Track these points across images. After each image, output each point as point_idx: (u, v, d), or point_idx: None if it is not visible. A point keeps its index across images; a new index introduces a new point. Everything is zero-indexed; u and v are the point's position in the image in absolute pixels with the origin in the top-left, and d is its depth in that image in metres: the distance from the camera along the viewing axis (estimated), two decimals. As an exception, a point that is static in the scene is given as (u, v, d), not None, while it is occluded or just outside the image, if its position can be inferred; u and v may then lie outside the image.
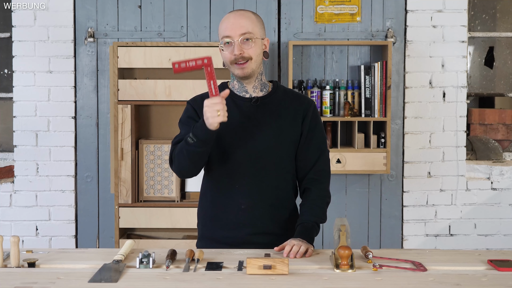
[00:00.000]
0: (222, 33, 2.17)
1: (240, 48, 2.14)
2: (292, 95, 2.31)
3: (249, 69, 2.18)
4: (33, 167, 4.03)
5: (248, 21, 2.16)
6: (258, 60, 2.20)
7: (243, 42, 2.15)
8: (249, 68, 2.18)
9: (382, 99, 3.83)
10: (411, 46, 4.00)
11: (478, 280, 1.82)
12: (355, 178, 4.05)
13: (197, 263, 1.95)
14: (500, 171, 4.12)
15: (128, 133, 3.71)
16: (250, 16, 2.19)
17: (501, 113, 4.31)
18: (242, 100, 2.25)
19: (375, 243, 4.06)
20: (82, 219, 4.06)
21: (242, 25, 2.15)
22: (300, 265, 1.96)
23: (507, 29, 4.34)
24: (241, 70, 2.17)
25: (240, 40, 2.14)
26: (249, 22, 2.16)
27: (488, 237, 4.11)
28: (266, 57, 2.24)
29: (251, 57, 2.16)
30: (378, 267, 1.92)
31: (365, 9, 4.00)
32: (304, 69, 4.01)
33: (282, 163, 2.25)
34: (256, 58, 2.18)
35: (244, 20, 2.16)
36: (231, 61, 2.17)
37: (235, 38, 2.14)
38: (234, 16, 2.18)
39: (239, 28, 2.14)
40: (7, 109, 4.25)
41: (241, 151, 2.21)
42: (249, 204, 2.22)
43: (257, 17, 2.22)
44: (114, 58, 3.70)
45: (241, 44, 2.15)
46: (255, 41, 2.16)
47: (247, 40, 2.15)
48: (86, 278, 1.83)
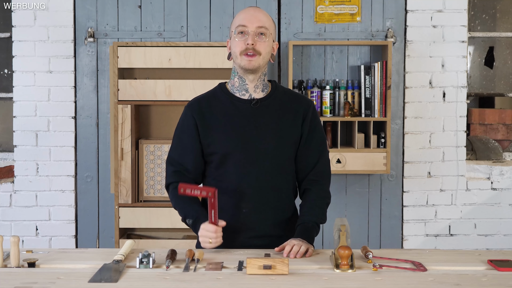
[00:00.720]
0: (239, 22, 2.19)
1: (254, 39, 2.17)
2: (291, 96, 2.31)
3: (256, 63, 2.18)
4: (33, 167, 4.03)
5: (266, 18, 2.22)
6: (266, 58, 2.22)
7: (258, 35, 2.18)
8: (256, 63, 2.19)
9: (382, 99, 3.83)
10: (411, 46, 4.00)
11: (478, 280, 1.82)
12: (355, 178, 4.05)
13: (197, 263, 1.95)
14: (500, 171, 4.12)
15: (128, 133, 3.71)
16: (268, 15, 2.25)
17: (501, 113, 4.31)
18: (241, 102, 2.24)
19: (375, 243, 4.06)
20: (82, 219, 4.06)
21: (260, 19, 2.19)
22: (300, 265, 1.96)
23: (507, 29, 4.34)
24: (249, 62, 2.18)
25: (256, 32, 2.17)
26: (267, 19, 2.22)
27: (488, 237, 4.11)
28: (272, 59, 2.27)
29: (260, 52, 2.18)
30: (378, 267, 1.92)
31: (365, 9, 4.00)
32: (304, 69, 4.01)
33: (282, 165, 2.24)
34: (265, 55, 2.20)
35: (263, 15, 2.21)
36: (241, 51, 2.18)
37: (251, 29, 2.17)
38: (254, 9, 2.23)
39: (257, 21, 2.18)
40: (7, 109, 4.25)
41: (241, 154, 2.20)
42: (251, 207, 2.21)
43: (272, 20, 2.27)
44: (114, 58, 3.70)
45: (255, 36, 2.18)
46: (268, 38, 2.20)
47: (261, 34, 2.18)
48: (86, 278, 1.83)
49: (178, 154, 2.26)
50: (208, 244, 2.09)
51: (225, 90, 2.28)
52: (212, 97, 2.28)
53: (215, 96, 2.28)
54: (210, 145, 2.23)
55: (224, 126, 2.22)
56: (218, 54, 3.71)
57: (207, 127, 2.23)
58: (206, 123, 2.23)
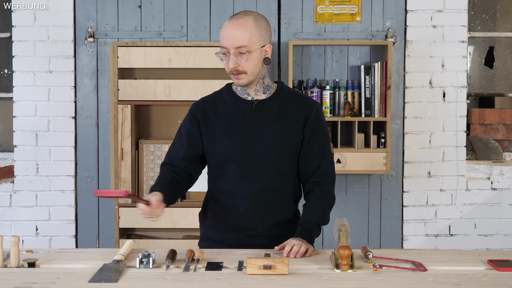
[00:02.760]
0: (220, 42, 2.17)
1: (235, 61, 2.13)
2: (296, 97, 2.29)
3: (244, 81, 2.17)
4: (33, 167, 4.03)
5: (246, 32, 2.11)
6: (254, 72, 2.17)
7: (238, 55, 2.13)
8: (245, 80, 2.17)
9: (382, 99, 3.83)
10: (411, 46, 4.00)
11: (478, 280, 1.82)
12: (355, 178, 4.05)
13: (197, 263, 1.95)
14: (500, 171, 4.12)
15: (128, 133, 3.71)
16: (248, 25, 2.12)
17: (501, 113, 4.31)
18: (243, 102, 2.24)
19: (375, 243, 4.06)
20: (82, 219, 4.06)
21: (238, 37, 2.10)
22: (300, 265, 1.96)
23: (507, 29, 4.34)
24: (237, 80, 2.18)
25: (235, 53, 2.12)
26: (246, 33, 2.11)
27: (488, 237, 4.11)
28: (266, 63, 2.19)
29: (245, 71, 2.15)
30: (378, 267, 1.92)
31: (365, 9, 4.00)
32: (304, 69, 4.01)
33: (282, 167, 2.24)
34: (251, 71, 2.16)
35: (241, 32, 2.10)
36: (228, 72, 2.18)
37: (231, 50, 2.12)
38: (232, 26, 2.12)
39: (234, 41, 2.11)
40: (7, 109, 4.25)
41: (241, 154, 2.21)
42: (248, 207, 2.22)
43: (258, 23, 2.15)
44: (114, 58, 3.70)
45: (236, 56, 2.13)
46: (251, 54, 2.13)
47: (241, 53, 2.12)
48: (86, 278, 1.83)
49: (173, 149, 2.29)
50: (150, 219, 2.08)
51: (230, 91, 2.28)
52: (218, 97, 2.29)
53: (220, 96, 2.29)
54: (211, 145, 2.24)
55: (226, 127, 2.22)
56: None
57: (209, 127, 2.24)
58: (209, 123, 2.24)
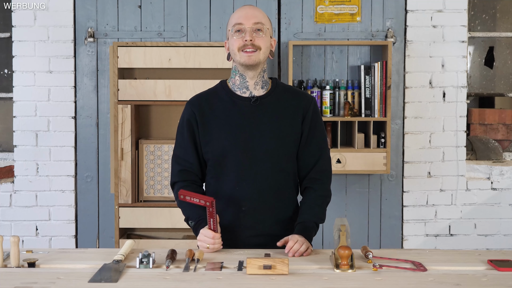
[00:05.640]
0: (235, 21, 2.21)
1: (252, 35, 2.18)
2: (292, 93, 2.30)
3: (256, 58, 2.19)
4: (33, 167, 4.03)
5: (262, 14, 2.25)
6: (266, 53, 2.23)
7: (255, 31, 2.19)
8: (256, 57, 2.19)
9: (382, 99, 3.83)
10: (411, 46, 4.00)
11: (478, 280, 1.82)
12: (355, 178, 4.05)
13: (197, 263, 1.95)
14: (500, 171, 4.12)
15: (128, 133, 3.71)
16: (263, 12, 2.27)
17: (501, 113, 4.31)
18: (241, 99, 2.24)
19: (375, 243, 4.06)
20: (82, 219, 4.06)
21: (256, 15, 2.21)
22: (300, 265, 1.96)
23: (507, 29, 4.34)
24: (248, 57, 2.19)
25: (253, 29, 2.19)
26: (262, 16, 2.24)
27: (488, 237, 4.11)
28: (271, 55, 2.28)
29: (260, 47, 2.20)
30: (378, 267, 1.92)
31: (365, 9, 4.00)
32: (304, 69, 4.01)
33: (282, 164, 2.24)
34: (264, 49, 2.21)
35: (258, 12, 2.24)
36: (240, 47, 2.19)
37: (247, 26, 2.19)
38: (249, 7, 2.26)
39: (253, 17, 2.20)
40: (7, 109, 4.25)
41: (240, 152, 2.20)
42: (250, 206, 2.22)
43: (268, 17, 2.30)
44: (114, 58, 3.70)
45: (253, 32, 2.19)
46: (265, 33, 2.22)
47: (258, 30, 2.20)
48: (86, 278, 1.83)
49: (182, 152, 2.27)
50: (206, 249, 2.10)
51: (226, 88, 2.28)
52: (213, 94, 2.29)
53: (216, 93, 2.28)
54: (209, 143, 2.23)
55: (223, 124, 2.22)
56: (218, 54, 3.71)
57: (206, 125, 2.23)
58: (205, 120, 2.23)
